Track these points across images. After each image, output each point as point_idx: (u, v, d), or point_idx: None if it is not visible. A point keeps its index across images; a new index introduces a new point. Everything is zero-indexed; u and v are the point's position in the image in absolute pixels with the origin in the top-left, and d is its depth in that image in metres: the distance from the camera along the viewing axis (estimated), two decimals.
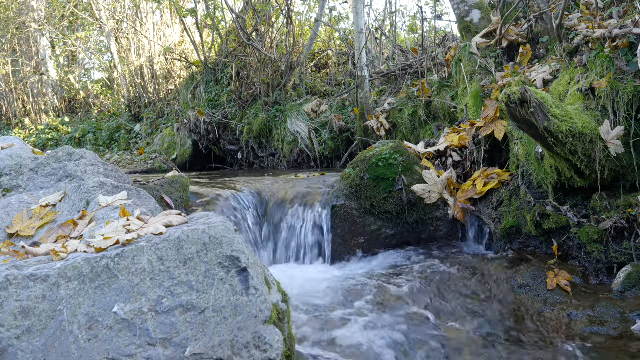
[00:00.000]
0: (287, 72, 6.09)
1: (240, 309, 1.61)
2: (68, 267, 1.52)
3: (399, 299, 2.44)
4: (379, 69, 5.71)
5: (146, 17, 8.57)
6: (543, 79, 3.12)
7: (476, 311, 2.35)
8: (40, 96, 10.97)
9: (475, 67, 3.87)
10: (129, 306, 1.50)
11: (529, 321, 2.24)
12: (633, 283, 2.27)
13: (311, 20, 7.28)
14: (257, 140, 6.25)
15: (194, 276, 1.61)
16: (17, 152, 2.58)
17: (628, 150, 2.49)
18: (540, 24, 3.69)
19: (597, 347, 2.00)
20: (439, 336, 2.17)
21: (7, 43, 10.88)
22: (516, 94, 2.27)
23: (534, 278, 2.43)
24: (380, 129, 4.75)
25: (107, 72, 10.76)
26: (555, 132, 2.31)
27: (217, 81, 7.01)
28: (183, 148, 6.75)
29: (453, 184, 3.21)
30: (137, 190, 2.39)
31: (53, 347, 1.41)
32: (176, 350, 1.47)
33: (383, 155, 3.24)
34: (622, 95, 2.47)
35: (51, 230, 2.04)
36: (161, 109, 8.18)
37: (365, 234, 3.16)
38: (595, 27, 2.85)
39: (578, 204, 2.66)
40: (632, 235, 2.41)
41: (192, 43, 7.22)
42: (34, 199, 2.32)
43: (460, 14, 4.18)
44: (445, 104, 4.16)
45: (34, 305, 1.44)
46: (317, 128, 5.62)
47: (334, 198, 3.22)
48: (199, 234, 1.69)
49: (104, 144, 8.62)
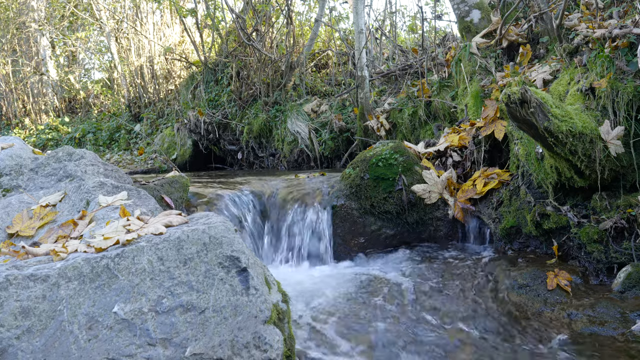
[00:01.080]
0: (287, 72, 6.09)
1: (240, 309, 1.61)
2: (68, 267, 1.52)
3: (399, 299, 2.44)
4: (379, 69, 5.71)
5: (146, 17, 8.57)
6: (543, 79, 3.12)
7: (476, 311, 2.35)
8: (40, 96, 10.97)
9: (475, 67, 3.87)
10: (129, 306, 1.50)
11: (529, 321, 2.24)
12: (633, 283, 2.27)
13: (311, 20, 7.28)
14: (257, 140, 6.25)
15: (194, 276, 1.61)
16: (17, 152, 2.58)
17: (628, 150, 2.49)
18: (540, 24, 3.69)
19: (597, 347, 2.00)
20: (439, 336, 2.17)
21: (7, 43, 10.87)
22: (516, 94, 2.27)
23: (534, 278, 2.44)
24: (380, 129, 4.75)
25: (107, 72, 10.76)
26: (555, 132, 2.31)
27: (217, 81, 7.00)
28: (183, 148, 6.75)
29: (453, 184, 3.21)
30: (137, 190, 2.39)
31: (53, 347, 1.41)
32: (176, 350, 1.47)
33: (383, 155, 3.24)
34: (622, 95, 2.47)
35: (51, 230, 2.04)
36: (161, 109, 8.18)
37: (365, 234, 3.16)
38: (595, 27, 2.85)
39: (578, 204, 2.66)
40: (632, 235, 2.41)
41: (192, 43, 7.22)
42: (34, 199, 2.32)
43: (460, 14, 4.18)
44: (445, 104, 4.16)
45: (34, 305, 1.44)
46: (317, 128, 5.62)
47: (334, 198, 3.22)
48: (199, 234, 1.69)
49: (104, 144, 8.61)
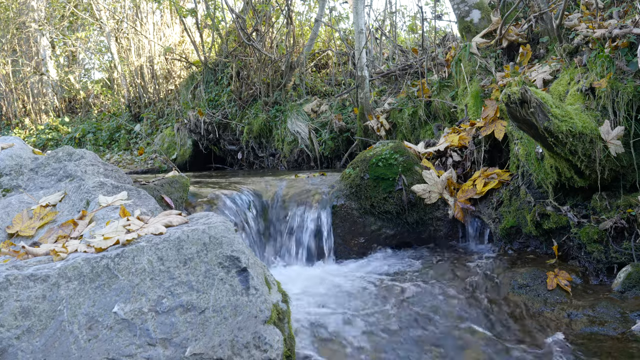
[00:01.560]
0: (287, 72, 6.09)
1: (240, 309, 1.61)
2: (68, 267, 1.52)
3: (399, 299, 2.44)
4: (379, 69, 5.71)
5: (146, 17, 8.57)
6: (543, 79, 3.12)
7: (476, 311, 2.35)
8: (40, 96, 10.96)
9: (475, 67, 3.87)
10: (129, 306, 1.50)
11: (529, 321, 2.24)
12: (633, 283, 2.27)
13: (311, 20, 7.28)
14: (257, 140, 6.25)
15: (194, 276, 1.61)
16: (17, 152, 2.58)
17: (628, 150, 2.49)
18: (540, 24, 3.69)
19: (597, 347, 2.00)
20: (439, 336, 2.17)
21: (7, 43, 10.87)
22: (516, 94, 2.27)
23: (534, 278, 2.43)
24: (380, 129, 4.75)
25: (107, 72, 10.76)
26: (555, 132, 2.31)
27: (217, 81, 7.00)
28: (183, 148, 6.75)
29: (453, 184, 3.21)
30: (137, 190, 2.39)
31: (53, 347, 1.41)
32: (176, 350, 1.47)
33: (383, 155, 3.24)
34: (622, 95, 2.47)
35: (51, 230, 2.04)
36: (161, 109, 8.18)
37: (365, 234, 3.16)
38: (595, 27, 2.85)
39: (578, 204, 2.66)
40: (632, 235, 2.41)
41: (192, 43, 7.22)
42: (34, 199, 2.32)
43: (460, 14, 4.18)
44: (445, 104, 4.16)
45: (34, 305, 1.44)
46: (317, 128, 5.62)
47: (334, 198, 3.22)
48: (199, 234, 1.69)
49: (104, 144, 8.61)
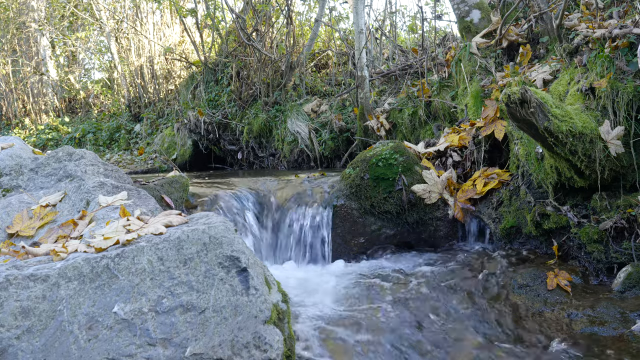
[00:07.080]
0: (287, 72, 6.09)
1: (240, 309, 1.61)
2: (68, 267, 1.52)
3: (399, 299, 2.44)
4: (379, 69, 5.71)
5: (146, 17, 8.57)
6: (543, 79, 3.12)
7: (476, 311, 2.35)
8: (40, 96, 10.96)
9: (475, 67, 3.87)
10: (129, 306, 1.50)
11: (529, 321, 2.24)
12: (633, 283, 2.27)
13: (311, 20, 7.28)
14: (257, 140, 6.25)
15: (194, 276, 1.61)
16: (17, 152, 2.58)
17: (628, 150, 2.49)
18: (540, 24, 3.69)
19: (597, 347, 2.00)
20: (439, 335, 2.17)
21: (7, 43, 10.87)
22: (516, 94, 2.27)
23: (534, 278, 2.43)
24: (380, 129, 4.75)
25: (107, 72, 10.76)
26: (555, 132, 2.31)
27: (217, 81, 7.00)
28: (183, 148, 6.75)
29: (453, 184, 3.21)
30: (137, 190, 2.39)
31: (53, 347, 1.41)
32: (176, 350, 1.47)
33: (383, 155, 3.24)
34: (622, 95, 2.47)
35: (51, 230, 2.04)
36: (161, 109, 8.18)
37: (365, 234, 3.16)
38: (595, 27, 2.85)
39: (578, 204, 2.66)
40: (632, 235, 2.41)
41: (192, 43, 7.21)
42: (34, 199, 2.32)
43: (460, 14, 4.18)
44: (445, 104, 4.16)
45: (34, 305, 1.44)
46: (317, 128, 5.62)
47: (334, 198, 3.22)
48: (199, 234, 1.69)
49: (104, 144, 8.61)
